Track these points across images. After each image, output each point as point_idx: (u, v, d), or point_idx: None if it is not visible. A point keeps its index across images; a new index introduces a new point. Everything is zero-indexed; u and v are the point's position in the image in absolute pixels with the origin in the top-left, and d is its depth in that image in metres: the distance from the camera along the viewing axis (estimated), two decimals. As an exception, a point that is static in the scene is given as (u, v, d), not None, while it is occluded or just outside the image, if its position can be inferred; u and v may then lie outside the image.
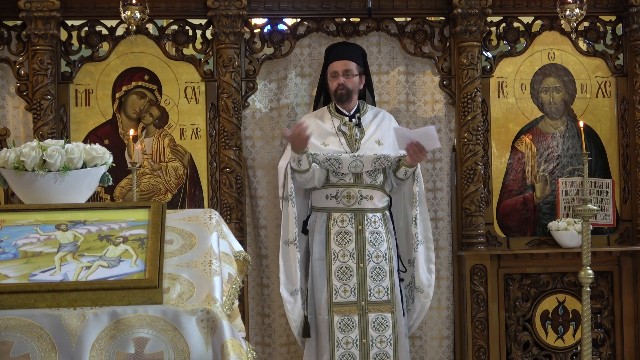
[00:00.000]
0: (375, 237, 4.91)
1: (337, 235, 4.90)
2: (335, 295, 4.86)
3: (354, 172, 4.89)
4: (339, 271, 4.88)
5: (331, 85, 5.03)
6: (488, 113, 5.47)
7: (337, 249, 4.89)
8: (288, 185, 4.86)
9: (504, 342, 5.31)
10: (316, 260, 4.91)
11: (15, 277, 2.41)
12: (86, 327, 2.31)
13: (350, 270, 4.88)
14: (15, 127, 5.26)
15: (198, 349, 2.34)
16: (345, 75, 4.98)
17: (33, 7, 5.06)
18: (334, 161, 4.86)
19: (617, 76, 5.55)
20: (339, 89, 4.98)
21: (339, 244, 4.90)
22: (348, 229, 4.90)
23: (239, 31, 5.24)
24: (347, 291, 4.87)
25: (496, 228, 5.45)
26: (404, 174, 4.94)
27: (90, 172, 2.94)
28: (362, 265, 4.88)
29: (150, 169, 5.30)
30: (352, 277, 4.88)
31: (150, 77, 5.34)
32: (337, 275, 4.87)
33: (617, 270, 5.41)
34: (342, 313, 4.85)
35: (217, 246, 2.62)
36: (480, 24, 5.32)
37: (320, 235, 4.93)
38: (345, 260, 4.89)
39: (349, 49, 5.15)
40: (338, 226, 4.91)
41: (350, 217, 4.91)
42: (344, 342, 4.84)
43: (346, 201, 4.92)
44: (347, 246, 4.89)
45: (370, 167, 4.89)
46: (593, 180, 5.45)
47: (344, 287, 4.87)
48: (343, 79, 4.97)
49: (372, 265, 4.89)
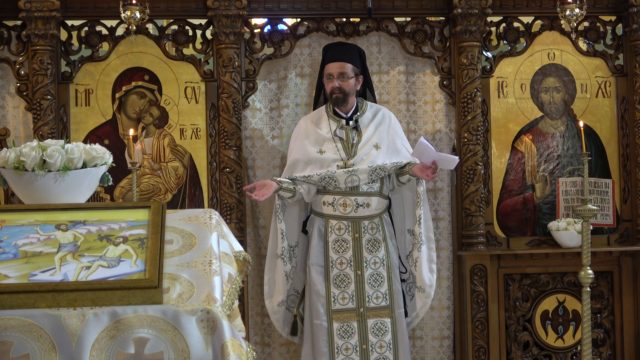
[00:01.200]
0: (373, 244, 4.92)
1: (335, 243, 4.91)
2: (334, 303, 4.86)
3: (351, 186, 4.90)
4: (337, 279, 4.89)
5: (327, 87, 5.02)
6: (488, 113, 5.47)
7: (335, 257, 4.90)
8: (275, 201, 4.94)
9: (504, 342, 5.31)
10: (313, 265, 4.93)
11: (15, 277, 2.41)
12: (86, 327, 2.31)
13: (348, 277, 4.89)
14: (15, 127, 5.26)
15: (198, 349, 2.34)
16: (340, 78, 4.95)
17: (33, 7, 5.06)
18: (329, 179, 4.88)
19: (617, 76, 5.55)
20: (334, 92, 4.96)
21: (336, 251, 4.90)
22: (345, 236, 4.91)
23: (239, 31, 5.24)
24: (346, 298, 4.88)
25: (496, 228, 5.45)
26: (407, 180, 4.95)
27: (90, 172, 2.94)
28: (359, 272, 4.89)
29: (150, 169, 5.30)
30: (350, 284, 4.88)
31: (150, 77, 5.34)
32: (335, 283, 4.88)
33: (617, 270, 5.41)
34: (341, 320, 4.86)
35: (217, 246, 2.62)
36: (480, 24, 5.32)
37: (318, 242, 4.94)
38: (342, 268, 4.89)
39: (344, 50, 5.09)
40: (335, 234, 4.92)
41: (347, 225, 4.92)
42: (343, 349, 4.85)
43: (342, 209, 4.91)
44: (344, 254, 4.90)
45: (367, 179, 4.89)
46: (593, 180, 5.45)
47: (342, 294, 4.88)
48: (338, 82, 4.95)
49: (369, 271, 4.89)
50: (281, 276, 4.93)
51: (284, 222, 4.95)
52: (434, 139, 5.44)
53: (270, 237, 5.02)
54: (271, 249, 5.00)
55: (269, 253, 5.02)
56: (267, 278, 5.00)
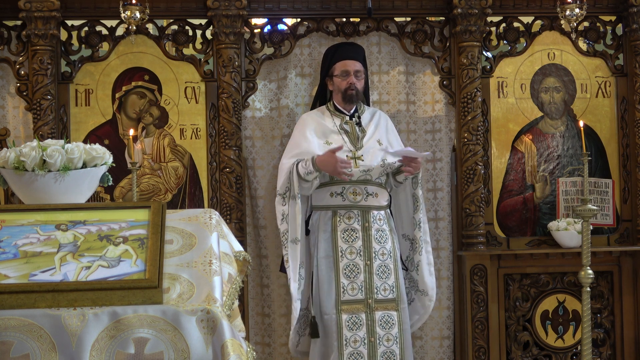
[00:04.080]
0: (381, 235, 4.92)
1: (344, 233, 4.90)
2: (343, 293, 4.85)
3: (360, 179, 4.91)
4: (347, 269, 4.87)
5: (340, 84, 5.00)
6: (488, 113, 5.47)
7: (344, 246, 4.89)
8: (295, 184, 4.82)
9: (504, 342, 5.31)
10: (322, 259, 4.89)
11: (15, 277, 2.41)
12: (86, 327, 2.31)
13: (357, 267, 4.88)
14: (15, 127, 5.26)
15: (198, 349, 2.34)
16: (356, 75, 5.00)
17: (33, 7, 5.06)
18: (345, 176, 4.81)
19: (617, 76, 5.55)
20: (349, 88, 4.97)
21: (345, 241, 4.89)
22: (355, 226, 4.90)
23: (239, 31, 5.24)
24: (355, 289, 4.87)
25: (496, 228, 5.45)
26: (403, 178, 4.96)
27: (90, 172, 2.94)
28: (368, 262, 4.88)
29: (150, 169, 5.30)
30: (359, 274, 4.87)
31: (150, 77, 5.34)
32: (344, 273, 4.86)
33: (617, 270, 5.41)
34: (350, 311, 4.84)
35: (217, 246, 2.62)
36: (480, 24, 5.32)
37: (326, 233, 4.91)
38: (352, 257, 4.88)
39: (357, 49, 5.15)
40: (345, 223, 4.90)
41: (357, 214, 4.91)
42: (352, 341, 4.84)
43: (352, 198, 4.92)
44: (354, 243, 4.89)
45: (377, 175, 4.93)
46: (593, 180, 5.45)
47: (351, 284, 4.86)
48: (354, 79, 4.99)
49: (378, 262, 4.90)
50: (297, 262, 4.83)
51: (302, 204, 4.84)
52: (434, 139, 5.44)
53: (290, 223, 4.84)
54: (290, 234, 4.84)
55: (289, 240, 4.85)
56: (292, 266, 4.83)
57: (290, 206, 4.86)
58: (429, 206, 5.40)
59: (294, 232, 4.85)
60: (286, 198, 4.87)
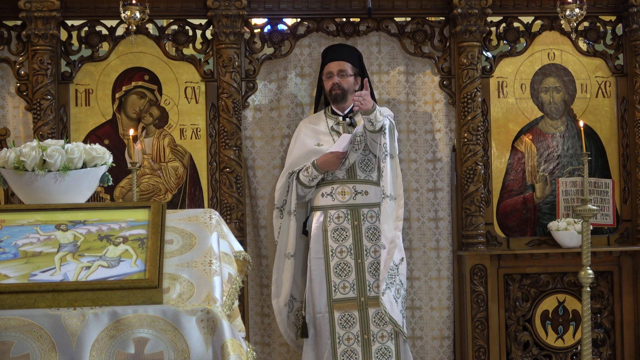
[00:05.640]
0: (372, 232, 4.94)
1: (334, 232, 4.92)
2: (335, 292, 4.88)
3: (347, 167, 4.94)
4: (337, 267, 4.90)
5: (326, 85, 5.09)
6: (488, 113, 5.47)
7: (335, 246, 4.91)
8: (292, 200, 4.98)
9: (504, 342, 5.31)
10: (314, 259, 4.95)
11: (15, 277, 2.41)
12: (86, 327, 2.31)
13: (348, 266, 4.90)
14: (15, 127, 5.26)
15: (198, 349, 2.34)
16: (339, 75, 5.03)
17: (33, 7, 5.06)
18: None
19: (617, 76, 5.55)
20: (333, 89, 5.04)
21: (335, 240, 4.92)
22: (344, 225, 4.93)
23: (239, 31, 5.24)
24: (347, 287, 4.89)
25: (496, 228, 5.45)
26: (368, 121, 4.76)
27: (90, 172, 2.94)
28: (360, 260, 4.91)
29: (150, 169, 5.30)
30: (350, 273, 4.90)
31: (150, 77, 5.34)
32: (335, 272, 4.89)
33: (617, 270, 5.41)
34: (342, 309, 4.87)
35: (217, 246, 2.62)
36: (480, 24, 5.32)
37: (317, 234, 4.95)
38: (343, 256, 4.91)
39: (343, 50, 5.18)
40: (334, 223, 4.93)
41: (346, 213, 4.94)
42: (345, 339, 4.85)
43: (341, 197, 4.95)
44: (344, 242, 4.92)
45: (356, 155, 4.91)
46: (593, 180, 5.45)
47: (343, 283, 4.89)
48: (337, 78, 5.03)
49: (370, 260, 4.91)
50: (289, 276, 4.98)
51: (296, 221, 5.00)
52: (434, 139, 5.44)
53: (280, 237, 5.04)
54: (280, 248, 5.03)
55: (278, 252, 5.05)
56: (275, 277, 5.04)
57: (284, 221, 5.03)
58: (429, 206, 5.40)
59: (284, 247, 5.01)
60: (283, 212, 5.04)
